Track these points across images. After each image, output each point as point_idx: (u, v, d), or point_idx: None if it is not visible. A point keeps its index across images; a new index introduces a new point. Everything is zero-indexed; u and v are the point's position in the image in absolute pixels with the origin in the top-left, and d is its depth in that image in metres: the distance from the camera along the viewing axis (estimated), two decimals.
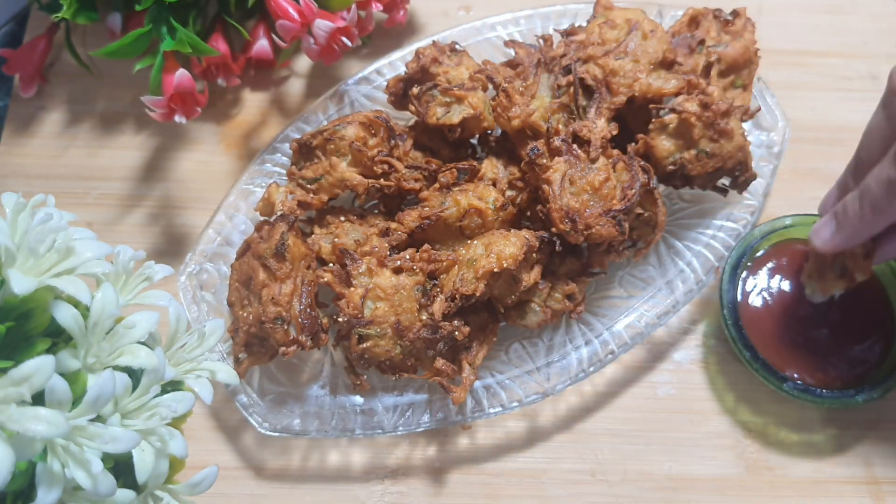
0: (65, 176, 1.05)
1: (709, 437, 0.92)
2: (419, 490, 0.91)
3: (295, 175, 0.91)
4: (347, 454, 0.92)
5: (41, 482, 0.53)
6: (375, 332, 0.82)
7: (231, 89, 1.10)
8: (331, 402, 0.90)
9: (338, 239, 0.88)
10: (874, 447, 0.91)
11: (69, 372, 0.57)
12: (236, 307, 0.87)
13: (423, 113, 0.91)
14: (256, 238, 0.86)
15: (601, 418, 0.93)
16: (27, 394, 0.51)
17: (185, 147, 1.07)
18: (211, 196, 1.03)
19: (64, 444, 0.54)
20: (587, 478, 0.91)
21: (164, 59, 0.94)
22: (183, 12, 1.00)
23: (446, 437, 0.93)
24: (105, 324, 0.59)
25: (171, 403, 0.60)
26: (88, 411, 0.54)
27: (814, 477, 0.90)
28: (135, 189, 1.05)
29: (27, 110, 1.09)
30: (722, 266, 0.92)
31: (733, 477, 0.90)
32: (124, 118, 1.09)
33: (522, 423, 0.93)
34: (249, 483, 0.91)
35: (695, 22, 0.97)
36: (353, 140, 0.89)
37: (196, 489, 0.64)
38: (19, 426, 0.50)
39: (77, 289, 0.57)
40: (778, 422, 0.92)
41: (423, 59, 0.92)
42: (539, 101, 0.88)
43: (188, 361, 0.67)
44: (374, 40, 1.12)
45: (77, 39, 1.09)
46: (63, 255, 0.59)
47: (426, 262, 0.85)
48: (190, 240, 1.02)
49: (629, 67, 0.88)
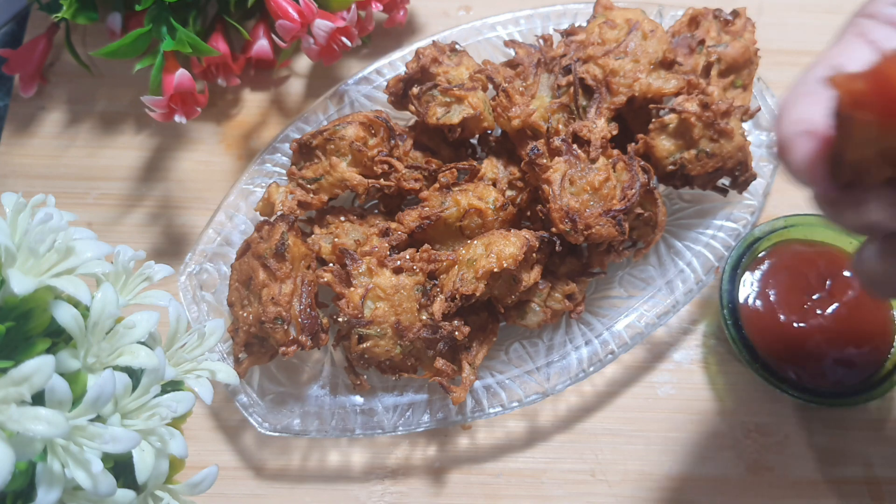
0: (65, 176, 1.05)
1: (709, 437, 0.92)
2: (419, 490, 0.91)
3: (295, 175, 0.91)
4: (347, 454, 0.92)
5: (41, 482, 0.53)
6: (375, 332, 0.82)
7: (231, 89, 1.10)
8: (331, 402, 0.90)
9: (338, 239, 0.88)
10: (874, 447, 0.91)
11: (69, 372, 0.57)
12: (236, 307, 0.87)
13: (423, 113, 0.91)
14: (256, 238, 0.86)
15: (601, 418, 0.93)
16: (27, 394, 0.51)
17: (185, 147, 1.07)
18: (211, 196, 1.03)
19: (64, 444, 0.54)
20: (587, 478, 0.91)
21: (164, 59, 0.94)
22: (183, 12, 1.00)
23: (446, 437, 0.93)
24: (105, 324, 0.59)
25: (171, 403, 0.60)
26: (88, 411, 0.54)
27: (814, 477, 0.90)
28: (135, 189, 1.05)
29: (27, 110, 1.09)
30: (722, 266, 0.92)
31: (733, 477, 0.90)
32: (124, 118, 1.09)
33: (522, 423, 0.93)
34: (249, 483, 0.91)
35: (695, 22, 0.97)
36: (353, 140, 0.89)
37: (196, 489, 0.64)
38: (19, 426, 0.51)
39: (77, 289, 0.57)
40: (777, 421, 0.92)
41: (423, 59, 0.91)
42: (539, 101, 0.88)
43: (188, 361, 0.67)
44: (374, 40, 1.12)
45: (77, 39, 1.09)
46: (63, 255, 0.59)
47: (426, 262, 0.85)
48: (190, 240, 1.02)
49: (629, 67, 0.88)
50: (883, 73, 0.45)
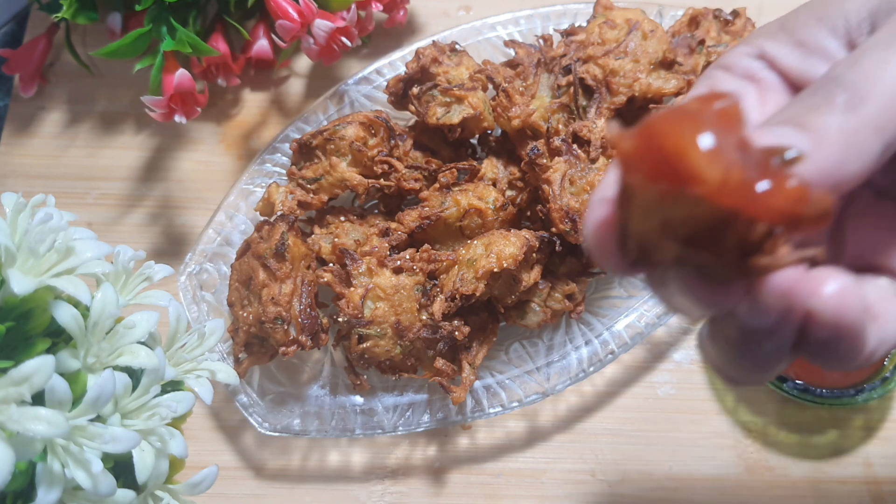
0: (65, 176, 1.05)
1: (709, 437, 0.92)
2: (419, 490, 0.91)
3: (295, 175, 0.91)
4: (347, 454, 0.92)
5: (41, 482, 0.53)
6: (375, 332, 0.82)
7: (231, 89, 1.09)
8: (331, 402, 0.90)
9: (338, 239, 0.87)
10: (874, 447, 0.91)
11: (69, 372, 0.57)
12: (236, 307, 0.87)
13: (422, 113, 0.91)
14: (256, 238, 0.86)
15: (601, 418, 0.93)
16: (27, 394, 0.51)
17: (185, 147, 1.07)
18: (211, 196, 1.02)
19: (64, 444, 0.54)
20: (587, 478, 0.91)
21: (164, 59, 0.94)
22: (183, 12, 1.00)
23: (446, 437, 0.93)
24: (105, 324, 0.59)
25: (171, 403, 0.60)
26: (88, 411, 0.54)
27: (814, 477, 0.90)
28: (135, 189, 1.05)
29: (27, 110, 1.09)
30: None
31: (733, 477, 0.90)
32: (124, 118, 1.09)
33: (522, 422, 0.93)
34: (249, 483, 0.91)
35: (695, 22, 0.97)
36: (353, 140, 0.89)
37: (196, 489, 0.64)
38: (19, 426, 0.51)
39: (77, 289, 0.57)
40: (778, 422, 0.92)
41: (423, 59, 0.91)
42: (539, 101, 0.88)
43: (188, 361, 0.67)
44: (374, 40, 1.12)
45: (77, 39, 1.09)
46: (63, 255, 0.59)
47: (426, 262, 0.85)
48: (190, 240, 1.02)
49: (629, 67, 0.88)
50: (651, 131, 0.37)
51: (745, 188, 0.37)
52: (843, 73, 0.42)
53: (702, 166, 0.36)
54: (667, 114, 0.37)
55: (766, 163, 0.38)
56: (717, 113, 0.38)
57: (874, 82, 0.41)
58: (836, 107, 0.41)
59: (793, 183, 0.37)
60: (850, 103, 0.41)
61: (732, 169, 0.37)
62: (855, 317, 0.40)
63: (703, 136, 0.37)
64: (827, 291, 0.39)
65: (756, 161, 0.38)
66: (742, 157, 0.37)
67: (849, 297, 0.40)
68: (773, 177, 0.37)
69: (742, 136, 0.38)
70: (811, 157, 0.40)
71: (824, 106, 0.42)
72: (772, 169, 0.38)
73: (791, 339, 0.42)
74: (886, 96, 0.41)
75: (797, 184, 0.37)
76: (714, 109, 0.38)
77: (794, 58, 0.49)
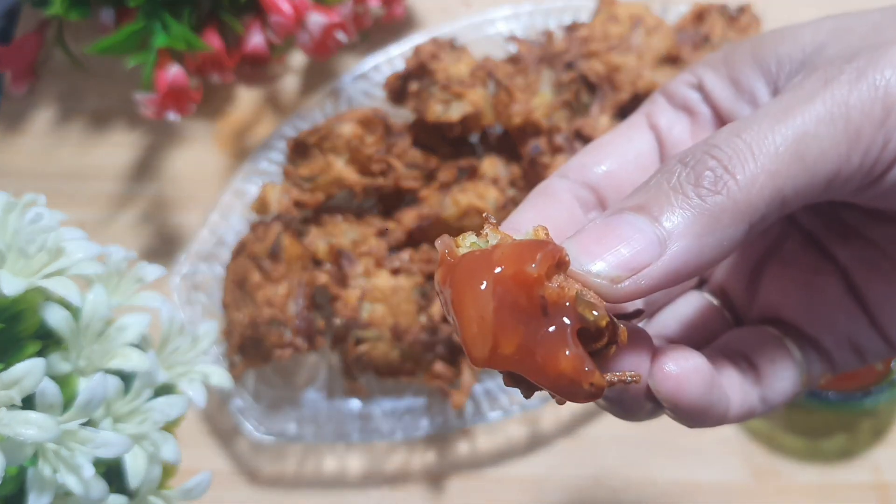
0: (56, 174, 1.05)
1: (714, 442, 0.91)
2: (418, 497, 0.90)
3: (291, 174, 0.91)
4: (344, 460, 0.91)
5: (32, 487, 0.53)
6: (373, 335, 0.82)
7: (225, 86, 1.09)
8: (327, 406, 0.89)
9: (334, 239, 0.87)
10: (882, 452, 0.90)
11: (60, 375, 0.57)
12: (231, 309, 0.86)
13: (421, 110, 0.90)
14: (251, 238, 0.86)
15: (604, 423, 0.92)
16: (17, 397, 0.51)
17: (178, 145, 1.06)
18: (205, 195, 1.02)
19: (55, 448, 0.53)
20: (590, 483, 0.90)
21: (158, 55, 0.93)
22: (176, 8, 0.99)
23: (445, 443, 0.92)
24: (96, 326, 0.58)
25: (163, 407, 0.60)
26: (80, 415, 0.53)
27: (822, 482, 0.89)
28: (127, 188, 1.04)
29: (18, 108, 1.09)
30: None
31: (739, 483, 0.90)
32: (116, 116, 1.08)
33: (524, 428, 0.92)
34: (243, 489, 0.90)
35: (700, 17, 0.96)
36: (350, 138, 0.88)
37: (189, 495, 0.63)
38: (9, 430, 0.50)
39: (68, 290, 0.57)
40: (785, 427, 0.91)
41: (422, 55, 0.91)
42: (541, 98, 0.88)
43: (181, 365, 0.67)
44: (372, 36, 1.11)
45: (69, 36, 1.08)
46: (54, 255, 0.59)
47: (425, 263, 0.84)
48: (183, 240, 1.01)
49: (633, 63, 0.87)
50: (445, 253, 0.37)
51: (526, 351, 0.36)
52: (720, 142, 0.38)
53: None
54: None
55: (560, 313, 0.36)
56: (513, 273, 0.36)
57: (746, 160, 0.37)
58: (699, 188, 0.38)
59: (569, 352, 0.35)
60: (716, 185, 0.37)
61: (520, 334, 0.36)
62: (695, 398, 0.41)
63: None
64: (662, 372, 0.41)
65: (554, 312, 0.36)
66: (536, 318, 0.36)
67: (686, 381, 0.41)
68: (553, 343, 0.36)
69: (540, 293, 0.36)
70: (654, 259, 0.37)
71: (685, 187, 0.38)
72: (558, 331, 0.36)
73: (642, 399, 0.42)
74: (759, 178, 0.37)
75: (572, 354, 0.35)
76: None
77: (727, 95, 0.47)
